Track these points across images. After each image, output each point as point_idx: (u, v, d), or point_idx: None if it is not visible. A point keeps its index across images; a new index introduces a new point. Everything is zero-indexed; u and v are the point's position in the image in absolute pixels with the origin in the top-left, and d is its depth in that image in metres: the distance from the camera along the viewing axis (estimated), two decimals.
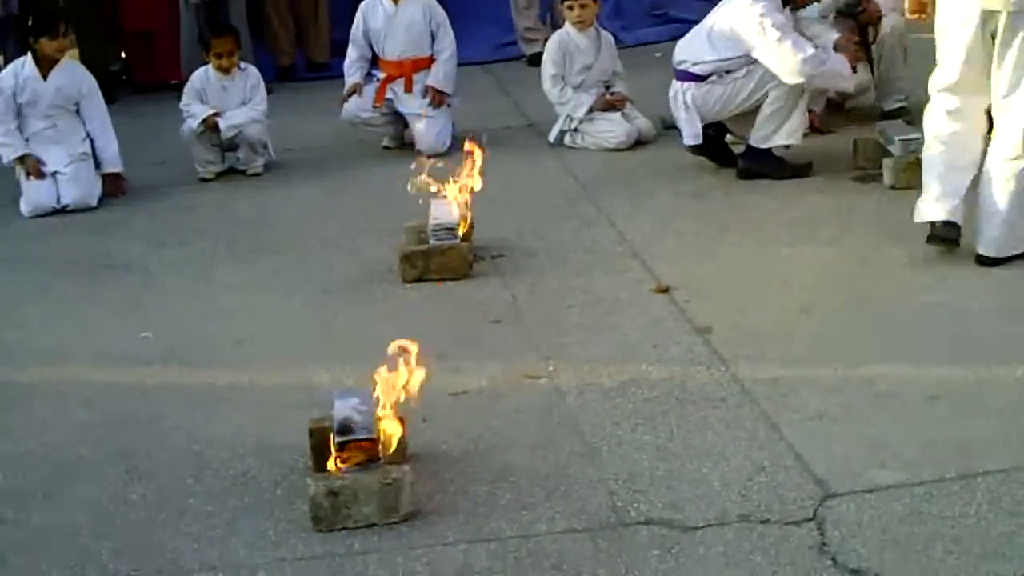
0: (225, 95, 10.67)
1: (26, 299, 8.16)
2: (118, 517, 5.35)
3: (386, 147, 11.17)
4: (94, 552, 5.08)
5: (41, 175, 10.01)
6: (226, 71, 10.65)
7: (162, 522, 5.27)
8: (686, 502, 5.11)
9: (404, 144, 11.06)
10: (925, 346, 6.36)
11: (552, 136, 10.81)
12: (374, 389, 5.34)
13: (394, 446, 5.27)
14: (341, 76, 11.39)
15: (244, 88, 10.73)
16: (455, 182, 8.27)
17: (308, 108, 12.55)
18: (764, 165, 9.34)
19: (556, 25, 12.35)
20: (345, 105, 11.01)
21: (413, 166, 8.38)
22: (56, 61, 10.20)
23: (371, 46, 11.04)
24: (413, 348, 5.40)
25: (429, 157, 8.94)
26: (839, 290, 7.21)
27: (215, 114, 10.50)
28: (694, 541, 4.84)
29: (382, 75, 10.98)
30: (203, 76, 10.72)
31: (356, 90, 10.97)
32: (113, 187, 10.30)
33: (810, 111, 9.73)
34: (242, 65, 10.79)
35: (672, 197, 9.18)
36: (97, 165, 10.30)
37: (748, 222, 8.49)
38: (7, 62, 11.76)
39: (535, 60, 12.49)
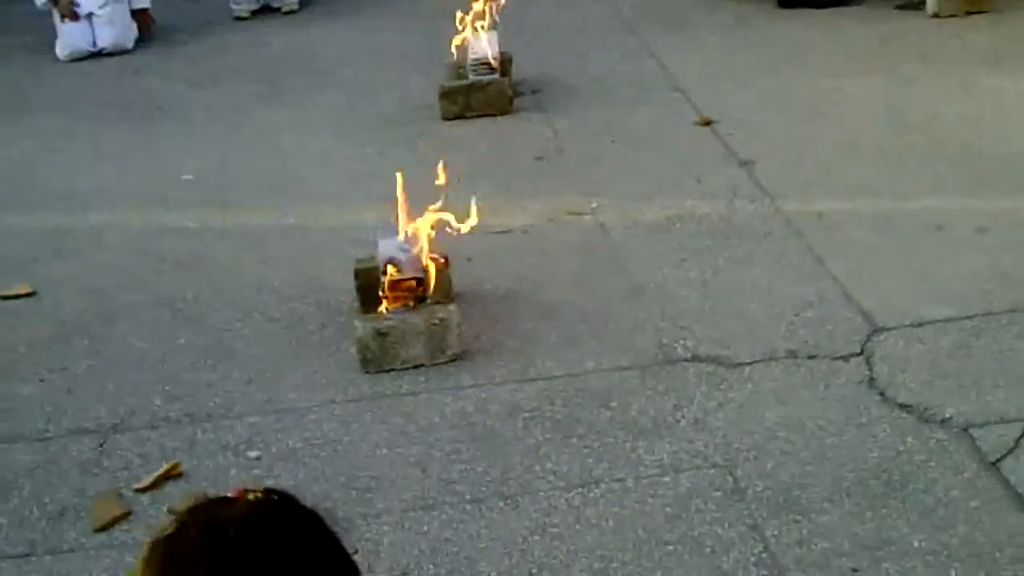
0: None
1: (67, 143, 8.14)
2: (166, 361, 5.38)
3: None
4: (143, 396, 5.12)
5: (76, 17, 9.92)
6: None
7: (210, 366, 5.30)
8: (733, 338, 5.10)
9: None
10: (972, 178, 6.28)
11: None
12: (416, 229, 5.32)
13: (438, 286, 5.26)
14: None
15: None
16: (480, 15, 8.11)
17: None
18: None
19: None
20: None
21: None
22: None
23: None
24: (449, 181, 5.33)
25: None
26: (883, 122, 7.11)
27: None
28: (742, 377, 4.84)
29: None
30: None
31: None
32: (142, 24, 10.21)
33: None
34: None
35: (714, 29, 9.06)
36: None
37: (791, 53, 8.38)
38: None
39: None
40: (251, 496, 1.76)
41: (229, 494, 1.78)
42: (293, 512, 1.79)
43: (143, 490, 4.51)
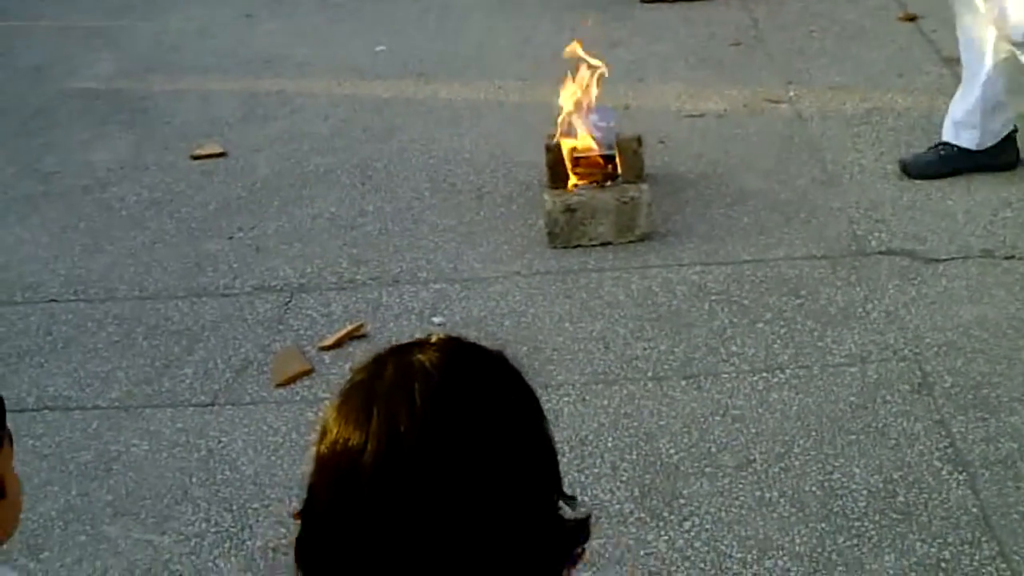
0: None
1: (261, 12, 8.22)
2: (355, 226, 5.41)
3: None
4: (331, 258, 5.17)
5: None
6: None
7: (398, 232, 5.32)
8: (928, 233, 4.96)
9: None
10: None
11: None
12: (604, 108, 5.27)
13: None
14: None
15: None
16: None
17: None
18: None
19: None
20: None
21: None
22: None
23: None
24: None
25: None
26: None
27: None
28: (936, 273, 4.72)
29: None
30: None
31: None
32: None
33: None
34: None
35: None
36: None
37: None
38: None
39: None
40: (435, 339, 1.75)
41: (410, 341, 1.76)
42: (482, 351, 1.77)
43: (326, 348, 4.56)
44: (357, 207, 5.56)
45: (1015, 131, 5.34)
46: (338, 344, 4.57)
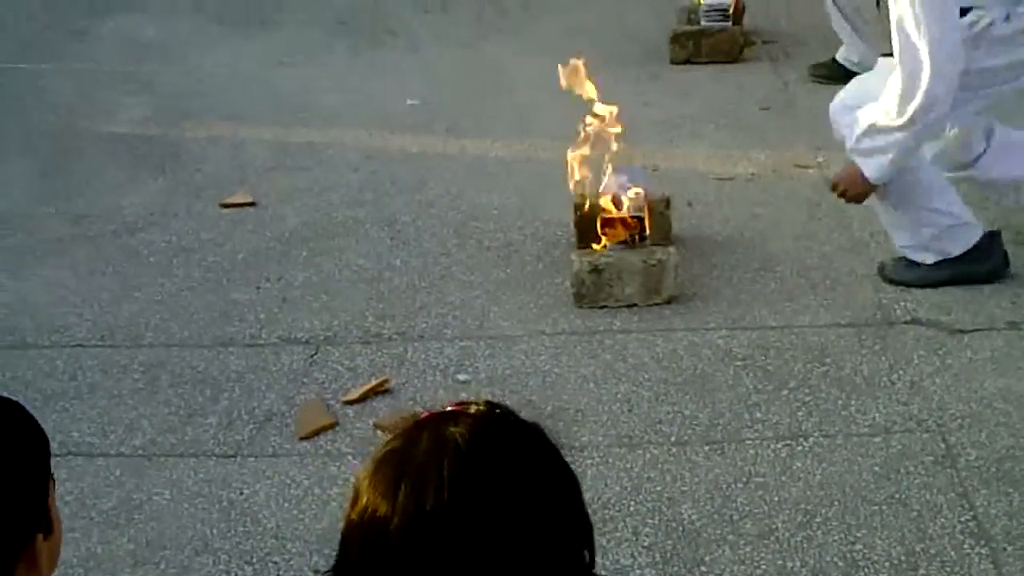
0: None
1: (296, 59, 8.29)
2: (381, 279, 5.43)
3: None
4: (357, 311, 5.18)
5: None
6: None
7: (424, 288, 5.34)
8: (955, 304, 4.96)
9: None
10: None
11: None
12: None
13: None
14: None
15: None
16: None
17: None
18: None
19: None
20: None
21: None
22: None
23: None
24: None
25: None
26: None
27: None
28: (961, 344, 4.71)
29: None
30: None
31: None
32: None
33: None
34: None
35: None
36: None
37: None
38: None
39: None
40: (473, 409, 1.77)
41: (448, 407, 1.78)
42: (518, 425, 1.79)
43: (351, 403, 4.56)
44: (384, 260, 5.58)
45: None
46: (362, 399, 4.57)
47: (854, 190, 4.99)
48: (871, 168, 4.86)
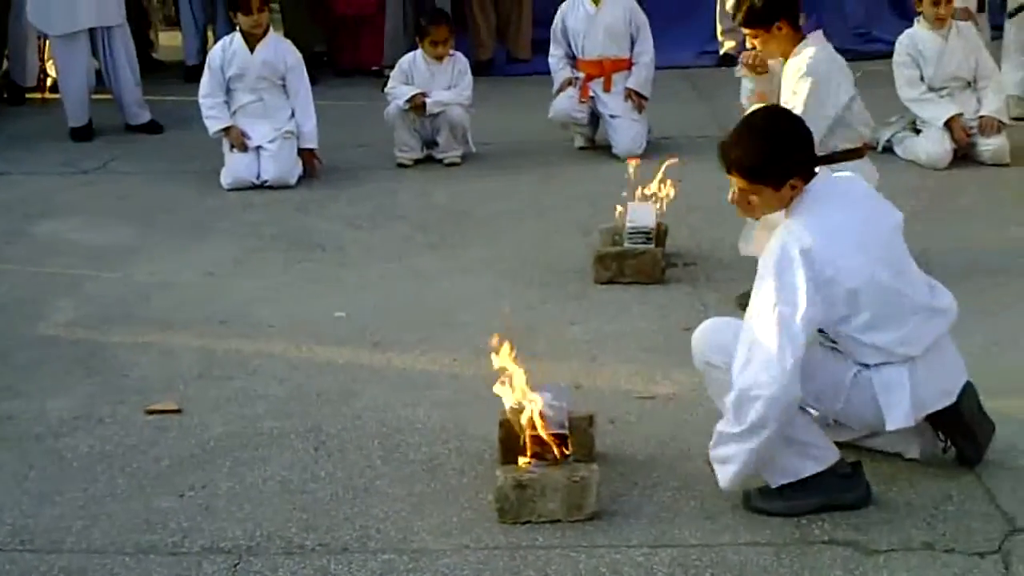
0: (432, 80, 10.77)
1: (224, 270, 8.39)
2: (305, 491, 5.46)
3: (580, 147, 11.21)
4: (280, 522, 5.20)
5: (245, 147, 10.28)
6: (439, 58, 10.75)
7: (349, 500, 5.37)
8: (871, 525, 5.06)
9: (596, 145, 11.12)
10: None
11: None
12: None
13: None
14: (541, 73, 11.57)
15: (451, 74, 10.85)
16: (658, 186, 8.28)
17: (506, 102, 12.67)
18: None
19: None
20: (554, 103, 11.01)
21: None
22: (259, 36, 10.43)
23: (569, 45, 11.07)
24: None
25: (623, 159, 9.00)
26: None
27: (422, 94, 10.63)
28: (877, 564, 4.80)
29: (581, 75, 10.98)
30: (411, 60, 10.84)
31: (571, 83, 10.97)
32: (307, 162, 10.53)
33: None
34: (451, 52, 10.89)
35: None
36: None
37: None
38: (216, 40, 12.13)
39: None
40: None
41: None
42: None
43: None
44: (309, 471, 5.61)
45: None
46: None
47: None
48: (724, 478, 5.11)
